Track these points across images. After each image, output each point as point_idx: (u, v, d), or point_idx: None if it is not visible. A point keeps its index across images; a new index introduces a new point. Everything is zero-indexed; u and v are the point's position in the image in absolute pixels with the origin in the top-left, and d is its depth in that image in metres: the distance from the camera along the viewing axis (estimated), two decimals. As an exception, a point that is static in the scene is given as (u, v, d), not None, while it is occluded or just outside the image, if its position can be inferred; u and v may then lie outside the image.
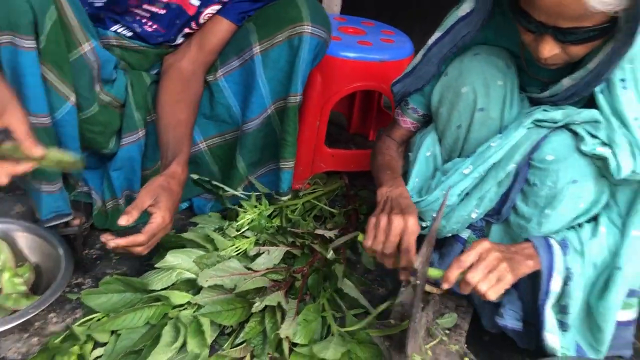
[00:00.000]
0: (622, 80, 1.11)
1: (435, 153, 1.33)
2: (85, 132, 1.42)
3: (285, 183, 1.59)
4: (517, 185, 1.22)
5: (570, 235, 1.19)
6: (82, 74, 1.33)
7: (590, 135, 1.14)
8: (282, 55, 1.44)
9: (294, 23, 1.41)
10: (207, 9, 1.45)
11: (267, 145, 1.57)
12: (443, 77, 1.28)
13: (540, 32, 1.04)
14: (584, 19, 0.98)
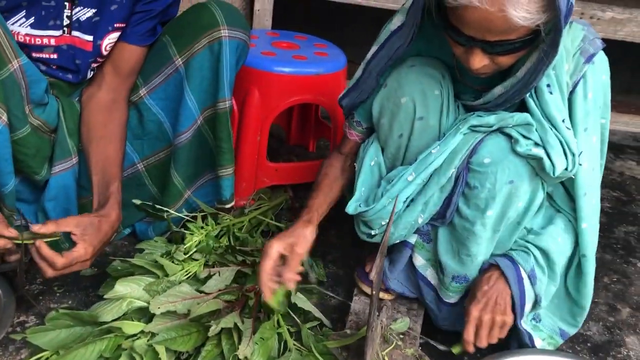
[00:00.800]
0: (548, 86, 1.19)
1: (379, 162, 1.36)
2: (18, 155, 1.36)
3: (227, 190, 1.58)
4: (459, 189, 1.27)
5: (536, 264, 1.30)
6: (13, 92, 1.28)
7: (523, 137, 1.20)
8: (204, 63, 1.43)
9: (211, 29, 1.40)
10: (104, 41, 1.41)
11: (201, 156, 1.55)
12: (382, 89, 1.32)
13: (469, 45, 1.10)
14: (509, 32, 1.04)
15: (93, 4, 1.36)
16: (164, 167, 1.57)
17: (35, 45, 1.35)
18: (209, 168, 1.58)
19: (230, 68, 1.44)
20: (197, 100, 1.47)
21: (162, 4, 1.43)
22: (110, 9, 1.38)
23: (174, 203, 1.56)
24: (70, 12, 1.35)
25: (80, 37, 1.38)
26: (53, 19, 1.34)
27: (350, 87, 1.40)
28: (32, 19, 1.32)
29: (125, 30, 1.43)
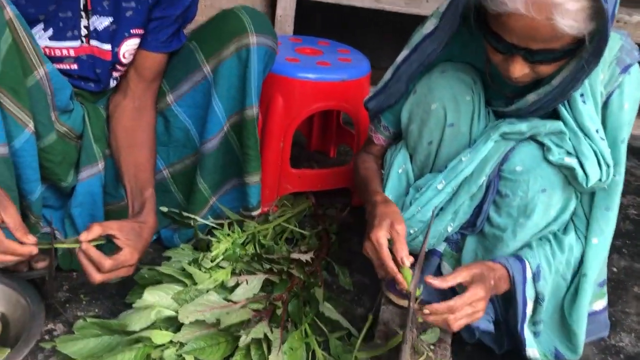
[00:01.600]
0: (581, 95, 1.17)
1: (407, 169, 1.34)
2: (44, 162, 1.36)
3: (254, 197, 1.57)
4: (490, 197, 1.25)
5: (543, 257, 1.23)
6: (39, 99, 1.28)
7: (556, 145, 1.18)
8: (232, 70, 1.42)
9: (238, 35, 1.39)
10: (121, 47, 1.40)
11: (227, 163, 1.54)
12: (412, 95, 1.30)
13: (510, 53, 1.08)
14: (553, 41, 1.02)
15: (108, 12, 1.36)
16: (190, 173, 1.56)
17: (56, 56, 1.35)
18: (234, 174, 1.57)
19: (258, 75, 1.43)
20: (224, 107, 1.46)
21: (178, 8, 1.41)
22: (125, 16, 1.37)
23: (199, 210, 1.55)
24: (87, 21, 1.34)
25: (98, 47, 1.38)
26: (71, 29, 1.34)
27: (378, 90, 1.39)
28: (50, 30, 1.32)
29: (146, 38, 1.42)
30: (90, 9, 1.33)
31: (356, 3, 2.25)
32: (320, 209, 1.89)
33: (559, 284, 1.28)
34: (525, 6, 0.98)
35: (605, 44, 1.01)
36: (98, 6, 1.34)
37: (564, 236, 1.25)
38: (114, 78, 1.46)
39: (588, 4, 0.98)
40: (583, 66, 1.06)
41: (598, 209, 1.23)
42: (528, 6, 0.97)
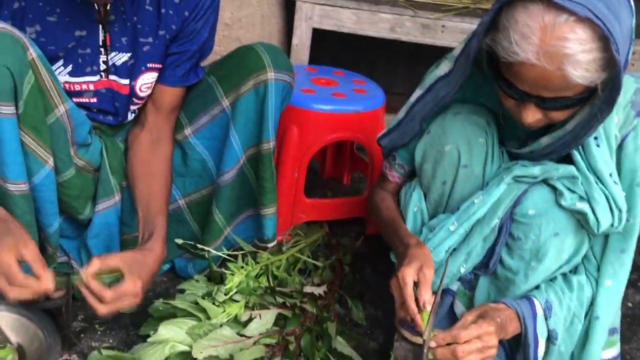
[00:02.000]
0: (595, 138, 1.17)
1: (422, 208, 1.35)
2: (62, 196, 1.39)
3: (269, 229, 1.59)
4: (502, 239, 1.26)
5: (552, 294, 1.23)
6: (59, 136, 1.32)
7: (569, 189, 1.18)
8: (250, 105, 1.45)
9: (257, 71, 1.42)
10: (137, 81, 1.42)
11: (243, 195, 1.57)
12: (426, 135, 1.31)
13: (523, 100, 1.09)
14: (565, 90, 1.03)
15: (126, 48, 1.38)
16: (206, 203, 1.58)
17: (75, 91, 1.38)
18: (249, 205, 1.59)
19: (275, 110, 1.45)
20: (242, 141, 1.49)
21: (196, 43, 1.44)
22: (143, 50, 1.40)
23: (214, 240, 1.57)
24: (106, 57, 1.37)
25: (117, 81, 1.41)
26: (90, 65, 1.36)
27: (392, 127, 1.40)
28: (70, 66, 1.35)
29: (164, 73, 1.45)
30: (109, 45, 1.36)
31: (371, 33, 2.27)
32: (334, 238, 1.90)
33: (574, 325, 1.26)
34: (537, 56, 0.99)
35: (617, 93, 1.02)
36: (117, 42, 1.37)
37: (573, 275, 1.25)
38: (132, 111, 1.49)
39: (600, 55, 0.99)
40: (596, 113, 1.07)
41: (612, 251, 1.23)
42: (539, 56, 0.99)
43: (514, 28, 1.01)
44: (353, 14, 2.23)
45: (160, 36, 1.39)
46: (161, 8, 1.37)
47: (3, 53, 1.14)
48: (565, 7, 0.97)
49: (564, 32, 0.97)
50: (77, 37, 1.32)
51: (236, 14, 2.08)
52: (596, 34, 0.98)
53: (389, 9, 2.24)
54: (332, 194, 2.23)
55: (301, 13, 2.21)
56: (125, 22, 1.35)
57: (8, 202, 1.25)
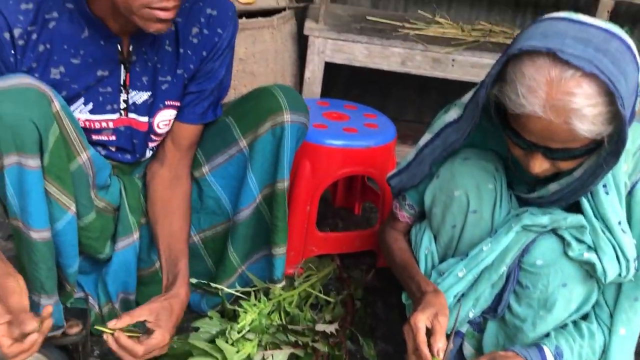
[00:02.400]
0: (604, 186, 1.18)
1: (432, 250, 1.37)
2: (83, 239, 1.43)
3: (279, 270, 1.61)
4: (510, 287, 1.27)
5: (562, 340, 1.24)
6: (81, 182, 1.35)
7: (577, 239, 1.20)
8: (266, 145, 1.48)
9: (274, 113, 1.45)
10: (155, 118, 1.46)
11: (258, 233, 1.59)
12: (435, 179, 1.34)
13: (530, 149, 1.11)
14: (572, 142, 1.05)
15: (147, 87, 1.42)
16: (221, 240, 1.61)
17: (95, 128, 1.41)
18: (264, 244, 1.62)
19: (291, 150, 1.48)
20: (258, 180, 1.52)
21: (213, 81, 1.47)
22: (161, 89, 1.43)
23: (228, 277, 1.60)
24: (127, 96, 1.41)
25: (136, 119, 1.44)
26: (110, 104, 1.40)
27: (401, 169, 1.43)
28: (90, 105, 1.38)
29: (183, 111, 1.48)
30: (129, 84, 1.40)
31: (383, 66, 2.30)
32: (345, 272, 1.92)
33: None
34: (544, 110, 1.01)
35: (623, 145, 1.04)
36: (137, 82, 1.41)
37: (583, 322, 1.26)
38: (150, 149, 1.53)
39: (606, 109, 1.01)
40: (602, 164, 1.09)
41: (626, 299, 1.24)
42: (546, 110, 1.01)
43: (521, 81, 1.03)
44: (365, 48, 2.26)
45: (179, 75, 1.43)
46: (180, 48, 1.41)
47: (29, 108, 1.17)
48: (571, 62, 0.99)
49: (570, 86, 0.99)
50: (99, 77, 1.36)
51: (250, 49, 2.12)
52: (602, 89, 1.00)
53: (400, 43, 2.27)
54: (343, 224, 2.26)
55: (314, 48, 2.25)
56: (146, 62, 1.39)
57: (31, 249, 1.28)
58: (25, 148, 1.18)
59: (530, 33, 1.06)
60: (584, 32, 1.02)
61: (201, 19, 1.40)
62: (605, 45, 1.01)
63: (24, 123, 1.17)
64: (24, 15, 1.25)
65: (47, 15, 1.27)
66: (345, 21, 2.43)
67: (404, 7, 2.87)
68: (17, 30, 1.25)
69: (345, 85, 2.97)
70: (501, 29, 2.61)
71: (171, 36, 1.39)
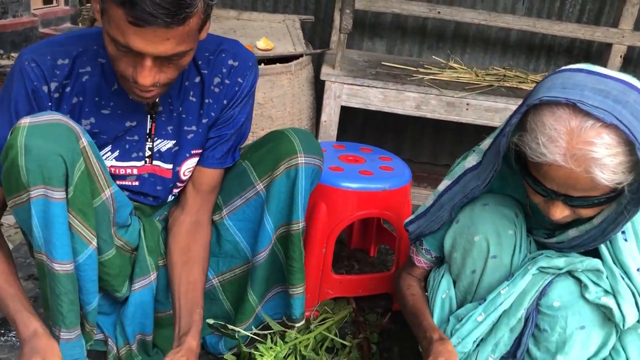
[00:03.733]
0: (623, 232, 1.19)
1: (450, 295, 1.37)
2: (102, 275, 1.44)
3: (298, 309, 1.62)
4: (529, 330, 1.27)
5: None
6: (103, 218, 1.38)
7: (594, 283, 1.19)
8: (282, 187, 1.50)
9: (289, 156, 1.48)
10: (182, 167, 1.49)
11: (273, 272, 1.60)
12: (455, 225, 1.34)
13: (551, 197, 1.12)
14: (593, 190, 1.06)
15: (172, 136, 1.46)
16: (238, 282, 1.62)
17: (119, 174, 1.45)
18: (277, 282, 1.63)
19: (305, 192, 1.50)
20: (274, 222, 1.53)
21: (233, 127, 1.50)
22: (187, 138, 1.47)
23: (247, 319, 1.61)
24: (152, 144, 1.44)
25: (160, 166, 1.47)
26: (136, 151, 1.44)
27: (419, 214, 1.44)
28: (117, 152, 1.42)
29: (203, 155, 1.51)
30: (155, 133, 1.44)
31: (398, 110, 2.34)
32: (361, 315, 1.91)
33: None
34: (564, 159, 1.02)
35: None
36: (162, 130, 1.44)
37: None
38: (173, 194, 1.55)
39: (626, 159, 1.02)
40: (623, 211, 1.10)
41: None
42: (567, 159, 1.02)
43: (542, 131, 1.05)
44: (380, 93, 2.30)
45: (203, 124, 1.47)
46: (205, 99, 1.45)
47: (58, 143, 1.21)
48: (591, 113, 1.01)
49: (591, 136, 1.01)
50: (127, 127, 1.40)
51: (268, 94, 2.16)
52: (622, 139, 1.01)
53: (415, 88, 2.31)
54: (358, 267, 2.25)
55: (330, 92, 2.29)
56: (172, 113, 1.43)
57: (53, 281, 1.30)
58: (53, 181, 1.22)
59: (550, 84, 1.08)
60: (602, 83, 1.04)
61: (223, 69, 1.44)
62: (624, 97, 1.03)
63: (52, 157, 1.20)
64: (60, 69, 1.31)
65: (81, 70, 1.33)
66: (361, 66, 2.48)
67: (419, 53, 2.93)
68: (54, 84, 1.31)
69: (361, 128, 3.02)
70: (515, 74, 2.65)
71: (197, 87, 1.44)
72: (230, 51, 1.45)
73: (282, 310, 1.66)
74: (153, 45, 1.13)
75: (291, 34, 2.40)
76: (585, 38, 2.67)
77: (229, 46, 1.46)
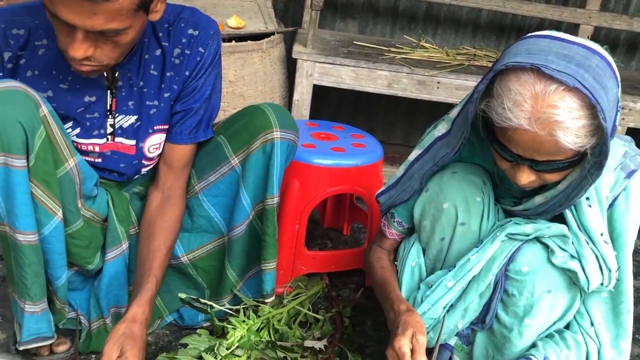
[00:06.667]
0: (587, 199, 1.22)
1: (420, 263, 1.39)
2: (71, 247, 1.43)
3: (268, 285, 1.62)
4: (498, 296, 1.29)
5: (550, 350, 1.25)
6: (68, 189, 1.36)
7: (560, 248, 1.22)
8: (257, 162, 1.50)
9: (264, 131, 1.47)
10: (146, 143, 1.47)
11: (252, 249, 1.61)
12: (424, 193, 1.36)
13: (517, 162, 1.14)
14: (557, 154, 1.08)
15: (133, 111, 1.43)
16: (214, 257, 1.62)
17: (81, 150, 1.42)
18: (257, 260, 1.63)
19: (280, 167, 1.50)
20: (250, 197, 1.53)
21: (199, 100, 1.47)
22: (149, 113, 1.45)
23: (226, 295, 1.61)
24: (113, 120, 1.42)
25: (123, 142, 1.45)
26: (97, 128, 1.41)
27: (390, 185, 1.45)
28: (77, 129, 1.40)
29: (171, 131, 1.49)
30: (115, 109, 1.41)
31: (370, 89, 2.35)
32: (333, 290, 1.93)
33: None
34: (529, 122, 1.04)
35: (605, 157, 1.07)
36: (123, 106, 1.42)
37: (568, 333, 1.28)
38: (141, 172, 1.54)
39: (588, 122, 1.04)
40: (586, 175, 1.12)
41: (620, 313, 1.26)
42: (532, 123, 1.04)
43: (507, 95, 1.07)
44: (352, 71, 2.31)
45: (165, 98, 1.45)
46: (166, 72, 1.42)
47: (16, 109, 1.19)
48: (555, 77, 1.03)
49: (554, 100, 1.03)
50: (86, 103, 1.38)
51: (240, 72, 2.15)
52: (584, 103, 1.04)
53: (387, 66, 2.32)
54: (331, 245, 2.27)
55: (302, 71, 2.29)
56: (132, 87, 1.41)
57: (17, 252, 1.28)
58: (12, 148, 1.19)
59: (515, 50, 1.10)
60: (566, 48, 1.06)
61: (183, 39, 1.41)
62: (586, 62, 1.05)
63: (10, 123, 1.18)
64: (14, 39, 1.28)
65: (37, 42, 1.30)
66: (333, 45, 2.48)
67: (390, 33, 2.94)
68: (7, 54, 1.28)
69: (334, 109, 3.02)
70: (485, 53, 2.67)
71: (158, 60, 1.41)
72: (190, 20, 1.42)
73: (259, 288, 1.66)
74: (81, 18, 1.10)
75: (262, 13, 2.39)
76: (553, 18, 2.71)
77: (188, 15, 1.43)
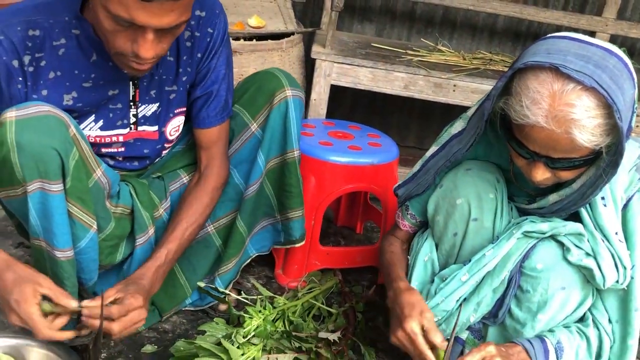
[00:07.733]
0: (602, 199, 1.24)
1: (432, 258, 1.42)
2: (103, 249, 1.45)
3: (298, 230, 1.71)
4: (511, 291, 1.32)
5: (564, 337, 1.28)
6: (98, 197, 1.39)
7: (575, 246, 1.25)
8: (275, 121, 1.57)
9: (277, 90, 1.55)
10: (167, 127, 1.51)
11: (259, 206, 1.67)
12: (438, 189, 1.39)
13: (533, 159, 1.17)
14: (572, 152, 1.11)
15: (155, 100, 1.46)
16: (232, 224, 1.66)
17: (104, 143, 1.44)
18: (265, 216, 1.70)
19: (297, 121, 1.58)
20: (265, 156, 1.60)
21: (216, 80, 1.51)
22: (169, 99, 1.48)
23: (237, 253, 1.66)
24: (136, 110, 1.45)
25: (146, 130, 1.48)
26: (120, 119, 1.43)
27: (407, 179, 1.49)
28: (100, 122, 1.41)
29: (198, 117, 1.53)
30: (139, 100, 1.44)
31: (386, 90, 2.38)
32: (347, 286, 1.95)
33: None
34: (546, 120, 1.07)
35: (621, 157, 1.10)
36: (146, 96, 1.44)
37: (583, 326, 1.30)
38: (159, 154, 1.58)
39: (604, 121, 1.07)
40: (601, 174, 1.15)
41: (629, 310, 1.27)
42: (549, 120, 1.07)
43: (525, 93, 1.10)
44: (369, 72, 2.34)
45: (183, 82, 1.48)
46: (181, 56, 1.45)
47: (50, 136, 1.20)
48: (572, 77, 1.06)
49: (571, 99, 1.06)
50: (109, 96, 1.39)
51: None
52: (601, 102, 1.07)
53: (404, 68, 2.35)
54: (345, 242, 2.30)
55: (320, 71, 2.33)
56: (153, 76, 1.43)
57: (55, 267, 1.32)
58: (49, 175, 1.21)
59: (535, 50, 1.13)
60: (584, 49, 1.09)
61: (191, 21, 1.42)
62: (604, 62, 1.08)
63: (46, 151, 1.19)
64: (32, 41, 1.24)
65: (55, 43, 1.28)
66: (351, 47, 2.52)
67: (407, 36, 2.97)
68: (27, 58, 1.25)
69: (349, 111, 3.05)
70: (501, 58, 2.70)
71: (172, 46, 1.42)
72: (195, 1, 1.40)
73: (269, 241, 1.75)
74: (158, 18, 1.12)
75: (282, 13, 2.43)
76: (570, 25, 2.73)
77: None
